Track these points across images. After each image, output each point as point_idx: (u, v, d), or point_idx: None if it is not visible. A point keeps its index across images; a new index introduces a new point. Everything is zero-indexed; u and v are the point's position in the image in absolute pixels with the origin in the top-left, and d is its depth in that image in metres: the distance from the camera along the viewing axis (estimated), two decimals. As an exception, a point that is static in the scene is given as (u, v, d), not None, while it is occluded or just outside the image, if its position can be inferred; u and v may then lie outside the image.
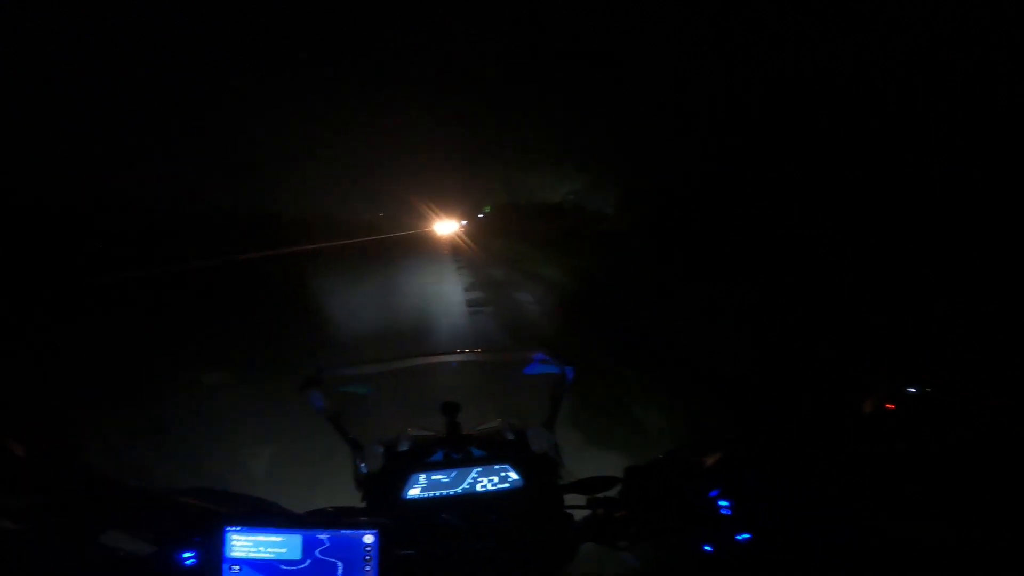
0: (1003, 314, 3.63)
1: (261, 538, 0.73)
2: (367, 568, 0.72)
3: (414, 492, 0.93)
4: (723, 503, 0.76)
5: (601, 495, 0.84)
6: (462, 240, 26.55)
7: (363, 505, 0.95)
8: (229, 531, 0.73)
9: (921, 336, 3.64)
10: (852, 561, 0.70)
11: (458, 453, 0.96)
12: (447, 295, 8.96)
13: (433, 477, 0.94)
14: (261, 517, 0.77)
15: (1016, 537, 0.61)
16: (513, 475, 0.95)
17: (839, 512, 0.73)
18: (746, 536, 0.74)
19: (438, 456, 0.96)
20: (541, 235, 16.72)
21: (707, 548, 0.75)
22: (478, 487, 0.94)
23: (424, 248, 23.96)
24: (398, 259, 17.45)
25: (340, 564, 0.73)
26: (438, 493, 0.94)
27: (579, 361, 1.06)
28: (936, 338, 3.62)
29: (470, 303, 8.03)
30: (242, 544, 0.73)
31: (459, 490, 0.94)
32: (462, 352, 1.17)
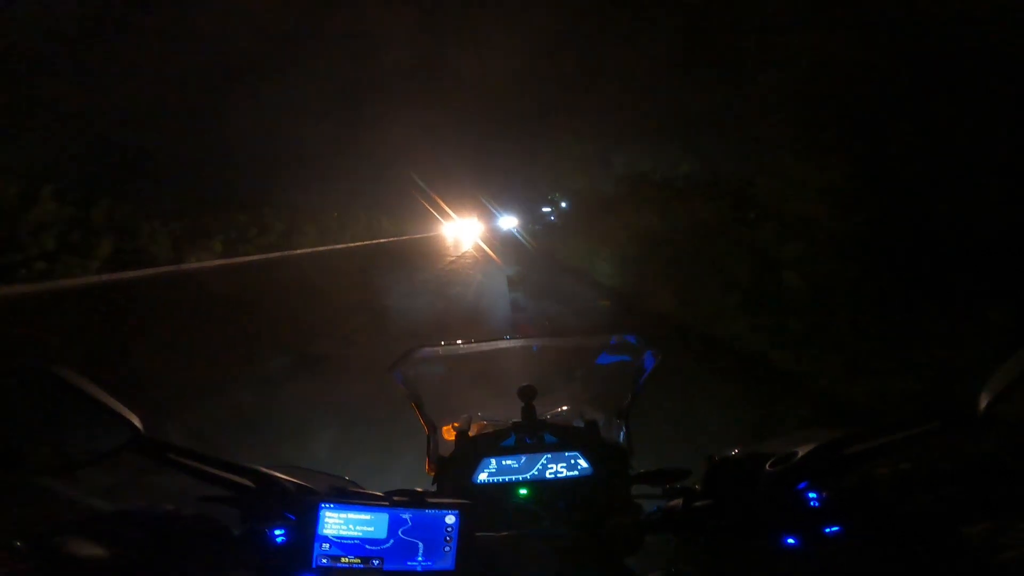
0: None
1: (352, 516, 0.75)
2: (447, 548, 0.74)
3: (483, 476, 0.95)
4: (812, 495, 0.74)
5: (677, 485, 0.83)
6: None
7: (434, 488, 0.98)
8: (323, 508, 0.76)
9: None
10: (940, 559, 0.67)
11: (531, 439, 0.97)
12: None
13: (504, 462, 0.95)
14: (353, 495, 0.78)
15: None
16: (583, 463, 0.95)
17: (930, 511, 0.70)
18: (835, 529, 0.72)
19: (510, 441, 0.97)
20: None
21: (790, 541, 0.73)
22: (547, 473, 0.95)
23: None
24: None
25: (421, 544, 0.74)
26: (508, 478, 0.95)
27: (664, 347, 1.01)
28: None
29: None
30: (334, 522, 0.75)
31: (528, 475, 0.95)
32: (545, 337, 1.17)
